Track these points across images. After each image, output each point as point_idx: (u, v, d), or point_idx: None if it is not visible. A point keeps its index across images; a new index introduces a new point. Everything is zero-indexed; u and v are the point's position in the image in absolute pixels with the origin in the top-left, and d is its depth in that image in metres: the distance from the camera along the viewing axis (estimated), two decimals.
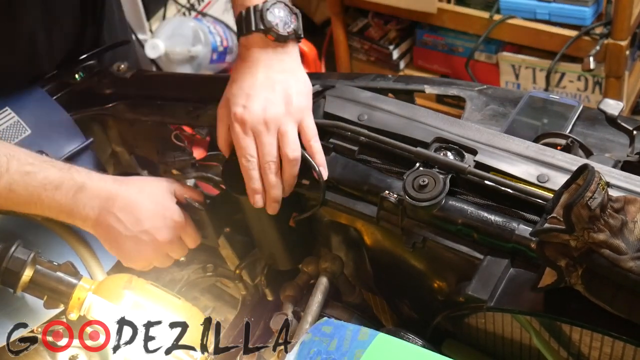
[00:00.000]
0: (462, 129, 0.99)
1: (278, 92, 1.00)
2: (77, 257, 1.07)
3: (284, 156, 0.99)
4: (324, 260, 1.05)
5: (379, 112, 1.05)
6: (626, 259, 0.71)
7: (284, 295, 1.05)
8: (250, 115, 0.98)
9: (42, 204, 0.99)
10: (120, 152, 1.34)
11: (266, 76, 1.02)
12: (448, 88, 1.16)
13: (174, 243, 1.06)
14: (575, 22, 2.05)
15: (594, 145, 0.99)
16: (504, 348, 0.94)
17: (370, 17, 2.53)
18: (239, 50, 1.06)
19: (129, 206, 1.02)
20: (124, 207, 1.01)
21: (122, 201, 1.02)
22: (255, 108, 0.99)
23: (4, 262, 0.95)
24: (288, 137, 0.99)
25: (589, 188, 0.70)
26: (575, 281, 0.75)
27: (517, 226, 0.87)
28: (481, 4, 2.21)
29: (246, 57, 1.04)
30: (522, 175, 0.91)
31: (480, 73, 2.33)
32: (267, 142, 0.98)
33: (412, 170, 0.94)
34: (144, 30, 2.40)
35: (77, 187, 1.00)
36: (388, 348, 0.77)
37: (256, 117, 0.98)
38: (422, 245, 0.93)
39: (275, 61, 1.03)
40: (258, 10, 1.02)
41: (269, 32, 1.02)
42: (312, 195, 1.02)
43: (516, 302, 0.83)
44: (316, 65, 2.65)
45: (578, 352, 0.87)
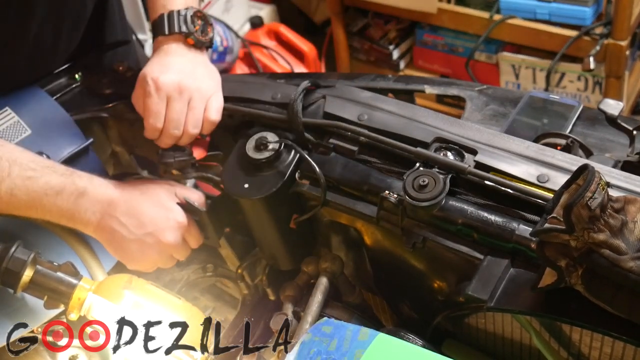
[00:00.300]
0: (462, 129, 0.99)
1: (190, 71, 1.11)
2: (78, 258, 1.07)
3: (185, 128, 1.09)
4: (324, 260, 1.05)
5: (379, 112, 1.05)
6: (626, 259, 0.71)
7: (284, 295, 1.05)
8: (165, 81, 1.08)
9: (44, 209, 1.00)
10: (120, 152, 1.34)
11: (181, 60, 1.12)
12: (448, 88, 1.16)
13: (178, 244, 1.06)
14: (575, 22, 2.05)
15: (594, 145, 0.99)
16: (504, 348, 0.94)
17: (370, 17, 2.53)
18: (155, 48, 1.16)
19: (132, 210, 1.02)
20: (127, 211, 1.02)
21: (125, 205, 1.02)
22: (172, 77, 1.08)
23: (4, 262, 0.95)
24: (194, 113, 1.09)
25: (589, 188, 0.70)
26: (575, 281, 0.75)
27: (517, 226, 0.87)
28: (481, 4, 2.21)
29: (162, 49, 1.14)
30: (522, 175, 0.91)
31: (480, 73, 2.33)
32: (178, 109, 1.07)
33: (412, 170, 0.94)
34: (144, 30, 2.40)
35: (79, 192, 1.01)
36: (388, 348, 0.77)
37: (172, 84, 1.08)
38: (422, 245, 0.93)
39: (189, 55, 1.14)
40: (182, 15, 1.13)
41: (190, 35, 1.13)
42: (312, 196, 1.02)
43: (516, 302, 0.83)
44: (316, 65, 2.65)
45: (578, 352, 0.87)
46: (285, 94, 1.11)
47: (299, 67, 2.63)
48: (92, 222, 1.02)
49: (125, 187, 1.05)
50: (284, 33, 2.67)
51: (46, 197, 0.99)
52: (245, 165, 1.05)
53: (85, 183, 1.02)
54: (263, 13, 2.78)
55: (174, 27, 1.13)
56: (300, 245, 1.13)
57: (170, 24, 1.13)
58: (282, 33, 2.67)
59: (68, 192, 1.00)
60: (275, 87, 1.14)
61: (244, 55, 2.67)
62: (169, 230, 1.04)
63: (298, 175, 1.04)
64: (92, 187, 1.02)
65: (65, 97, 1.27)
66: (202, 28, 1.15)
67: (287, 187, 1.03)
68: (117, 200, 1.02)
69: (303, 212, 1.06)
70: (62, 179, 1.01)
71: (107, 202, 1.02)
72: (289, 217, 1.06)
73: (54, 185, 0.99)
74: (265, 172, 1.03)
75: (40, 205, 0.99)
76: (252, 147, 1.04)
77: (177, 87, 1.08)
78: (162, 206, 1.05)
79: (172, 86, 1.08)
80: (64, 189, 1.00)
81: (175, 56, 1.12)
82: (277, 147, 1.03)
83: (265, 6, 2.84)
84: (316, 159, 1.03)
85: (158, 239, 1.03)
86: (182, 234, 1.06)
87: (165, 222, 1.04)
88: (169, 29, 1.13)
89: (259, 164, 1.03)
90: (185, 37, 1.13)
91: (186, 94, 1.08)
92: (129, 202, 1.03)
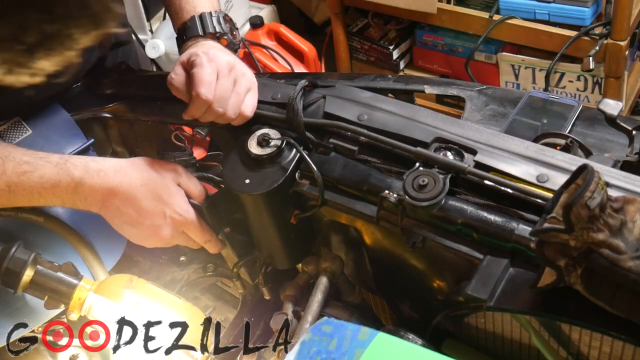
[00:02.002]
0: (461, 129, 0.99)
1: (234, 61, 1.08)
2: (79, 258, 1.07)
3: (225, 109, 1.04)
4: (324, 259, 1.05)
5: (379, 112, 1.05)
6: (625, 259, 0.71)
7: (284, 295, 1.05)
8: (217, 55, 1.06)
9: (45, 200, 1.01)
10: (120, 152, 1.34)
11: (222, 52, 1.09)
12: (448, 88, 1.16)
13: (177, 238, 1.06)
14: (575, 22, 2.05)
15: (594, 145, 1.00)
16: (504, 348, 0.94)
17: (370, 17, 2.53)
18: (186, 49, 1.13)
19: (130, 201, 1.02)
20: (125, 202, 1.01)
21: (123, 195, 1.01)
22: (221, 53, 1.07)
23: (5, 262, 0.96)
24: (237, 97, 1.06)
25: (588, 188, 0.70)
26: (574, 281, 0.75)
27: (517, 226, 0.87)
28: (481, 4, 2.21)
29: (198, 43, 1.12)
30: (522, 175, 0.91)
31: (480, 73, 2.33)
32: (225, 86, 1.04)
33: (412, 170, 0.94)
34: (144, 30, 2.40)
35: (75, 183, 1.00)
36: (388, 348, 0.77)
37: (223, 59, 1.06)
38: (422, 245, 0.93)
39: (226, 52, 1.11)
40: (214, 16, 1.13)
41: (224, 36, 1.13)
42: (312, 196, 1.02)
43: (516, 301, 0.83)
44: (316, 65, 2.65)
45: (577, 352, 0.87)
46: (285, 93, 1.11)
47: (299, 67, 2.63)
48: (93, 207, 1.03)
49: (126, 174, 1.03)
50: (284, 33, 2.67)
51: (44, 190, 0.99)
52: (246, 161, 1.05)
53: (80, 172, 1.01)
54: (263, 13, 2.78)
55: (207, 27, 1.13)
56: (298, 245, 1.13)
57: (204, 24, 1.13)
58: (282, 33, 2.67)
59: (64, 185, 1.00)
60: (275, 87, 1.14)
61: (244, 56, 2.66)
62: (165, 226, 1.04)
63: (298, 175, 1.04)
64: (88, 177, 1.01)
65: (66, 97, 1.28)
66: (231, 31, 1.16)
67: (288, 184, 1.03)
68: (116, 190, 1.01)
69: (303, 212, 1.06)
70: (56, 170, 1.00)
71: (105, 191, 1.01)
72: (288, 215, 1.06)
73: (49, 179, 0.99)
74: (267, 168, 1.03)
75: (40, 197, 1.00)
76: (255, 143, 1.05)
77: (227, 63, 1.06)
78: (160, 200, 1.03)
79: (223, 61, 1.05)
80: (59, 181, 1.00)
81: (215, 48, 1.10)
82: (280, 144, 1.03)
83: (265, 6, 2.83)
84: (316, 158, 1.03)
85: (155, 232, 1.04)
86: (180, 229, 1.05)
87: (161, 218, 1.03)
88: (203, 30, 1.13)
89: (261, 159, 1.03)
90: (219, 38, 1.13)
91: (234, 73, 1.06)
92: (128, 193, 1.02)
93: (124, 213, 1.02)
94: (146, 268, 1.25)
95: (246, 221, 1.10)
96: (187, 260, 1.26)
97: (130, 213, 1.02)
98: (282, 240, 1.10)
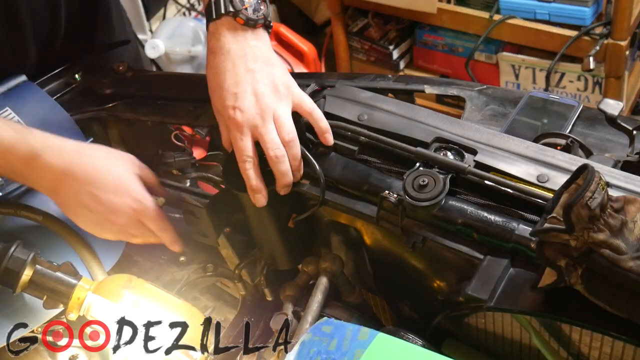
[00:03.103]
0: (462, 129, 0.99)
1: (262, 81, 1.00)
2: (77, 257, 1.07)
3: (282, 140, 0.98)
4: (324, 260, 1.05)
5: (379, 112, 1.05)
6: (626, 259, 0.71)
7: (284, 295, 1.05)
8: (243, 114, 0.98)
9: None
10: None
11: (245, 68, 1.00)
12: (448, 88, 1.16)
13: (132, 227, 1.04)
14: (575, 22, 2.05)
15: (594, 145, 0.99)
16: (504, 348, 0.94)
17: (370, 17, 2.53)
18: (209, 42, 1.05)
19: (88, 184, 0.99)
20: (83, 184, 0.99)
21: (82, 177, 0.99)
22: (247, 105, 0.98)
23: (4, 261, 0.95)
24: (281, 120, 0.98)
25: (589, 188, 0.70)
26: (575, 281, 0.75)
27: (517, 226, 0.87)
28: (481, 4, 2.21)
29: (217, 49, 1.02)
30: (522, 175, 0.91)
31: (480, 73, 2.33)
32: (267, 132, 0.97)
33: (412, 170, 0.94)
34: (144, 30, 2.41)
35: (32, 153, 0.98)
36: (388, 348, 0.77)
37: (250, 114, 0.98)
38: (422, 245, 0.93)
39: (247, 49, 1.02)
40: None
41: (238, 14, 1.01)
42: (312, 195, 1.02)
43: (516, 302, 0.83)
44: (316, 65, 2.65)
45: (578, 352, 0.87)
46: None
47: (299, 67, 2.63)
48: (44, 185, 1.00)
49: (88, 155, 1.01)
50: (284, 33, 2.67)
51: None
52: None
53: (40, 145, 0.98)
54: None
55: (220, 8, 1.02)
56: (299, 245, 1.13)
57: (216, 6, 1.03)
58: (282, 33, 2.67)
59: (21, 152, 0.97)
60: None
61: None
62: (121, 213, 1.01)
63: None
64: (48, 152, 0.98)
65: (65, 97, 1.28)
66: (254, 6, 1.03)
67: None
68: (75, 170, 0.99)
69: (303, 212, 1.06)
70: (16, 137, 0.97)
71: (62, 170, 0.99)
72: (288, 216, 1.06)
73: (5, 142, 0.97)
74: (268, 168, 1.03)
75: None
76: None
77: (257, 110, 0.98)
78: (120, 186, 1.01)
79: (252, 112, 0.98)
80: (15, 148, 0.97)
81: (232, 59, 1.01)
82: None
83: None
84: (316, 158, 1.03)
85: (110, 218, 1.01)
86: (137, 218, 1.03)
87: (119, 204, 1.01)
88: (216, 13, 1.03)
89: (262, 159, 1.03)
90: (233, 17, 1.02)
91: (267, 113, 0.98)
92: (88, 174, 0.99)
93: (80, 195, 0.99)
94: (146, 268, 1.24)
95: (246, 222, 1.10)
96: (187, 260, 1.26)
97: (87, 196, 0.99)
98: (282, 240, 1.10)
